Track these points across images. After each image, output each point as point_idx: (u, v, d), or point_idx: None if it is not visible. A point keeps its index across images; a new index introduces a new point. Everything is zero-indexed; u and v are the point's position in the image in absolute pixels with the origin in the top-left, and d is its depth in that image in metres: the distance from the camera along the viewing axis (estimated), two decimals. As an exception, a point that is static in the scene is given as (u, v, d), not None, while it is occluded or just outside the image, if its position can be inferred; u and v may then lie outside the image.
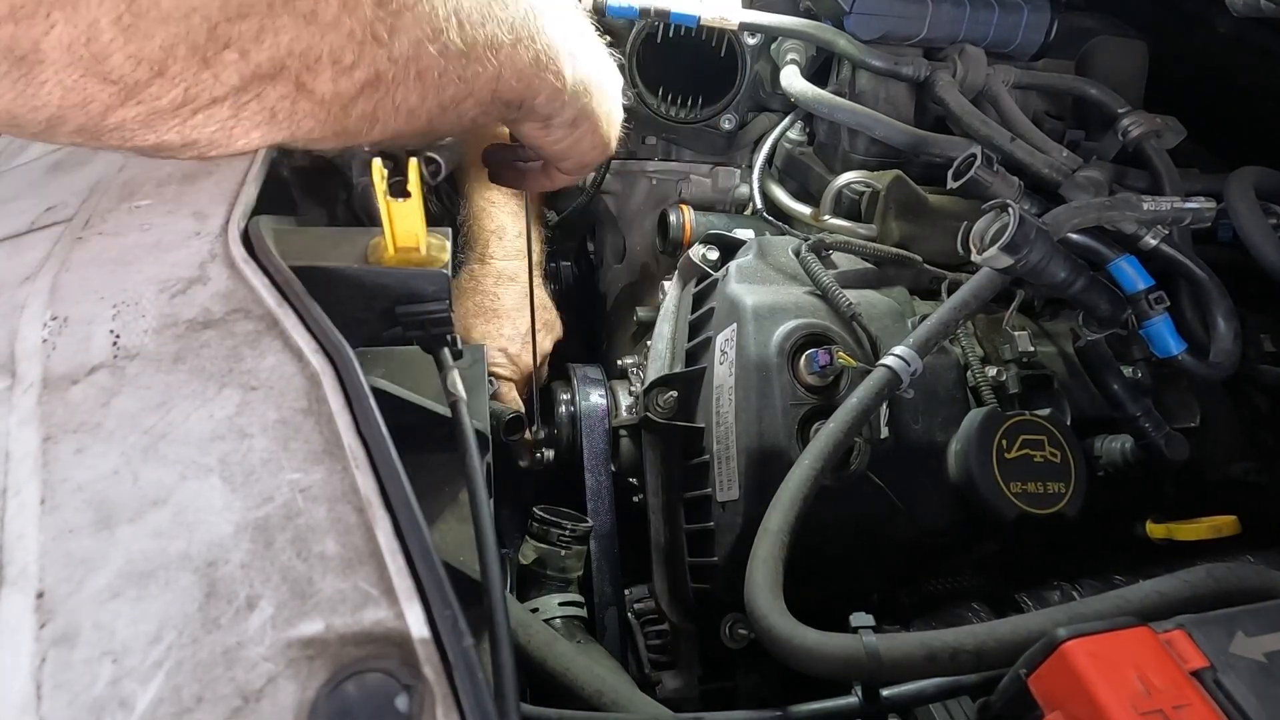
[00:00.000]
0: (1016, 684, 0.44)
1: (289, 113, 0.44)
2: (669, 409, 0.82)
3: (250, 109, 0.43)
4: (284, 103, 0.43)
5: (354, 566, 0.30)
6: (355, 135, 0.48)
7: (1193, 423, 0.82)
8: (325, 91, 0.44)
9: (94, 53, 0.36)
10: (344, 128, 0.47)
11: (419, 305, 0.49)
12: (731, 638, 0.76)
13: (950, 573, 0.78)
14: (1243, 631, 0.42)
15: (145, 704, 0.26)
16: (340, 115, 0.46)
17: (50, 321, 0.37)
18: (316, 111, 0.45)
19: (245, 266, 0.40)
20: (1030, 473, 0.69)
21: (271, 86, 0.42)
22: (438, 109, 0.51)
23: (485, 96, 0.54)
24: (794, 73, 1.01)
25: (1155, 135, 0.89)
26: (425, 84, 0.48)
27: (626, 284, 1.20)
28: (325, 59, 0.42)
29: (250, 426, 0.33)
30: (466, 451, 0.43)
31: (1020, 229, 0.66)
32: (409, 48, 0.46)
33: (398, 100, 0.48)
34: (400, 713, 0.27)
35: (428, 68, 0.48)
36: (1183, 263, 0.78)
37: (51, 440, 0.32)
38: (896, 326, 0.77)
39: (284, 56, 0.41)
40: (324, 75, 0.43)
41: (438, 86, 0.49)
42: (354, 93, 0.45)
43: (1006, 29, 0.97)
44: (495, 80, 0.54)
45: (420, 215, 0.48)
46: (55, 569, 0.29)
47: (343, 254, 0.49)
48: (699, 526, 0.78)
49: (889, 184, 0.91)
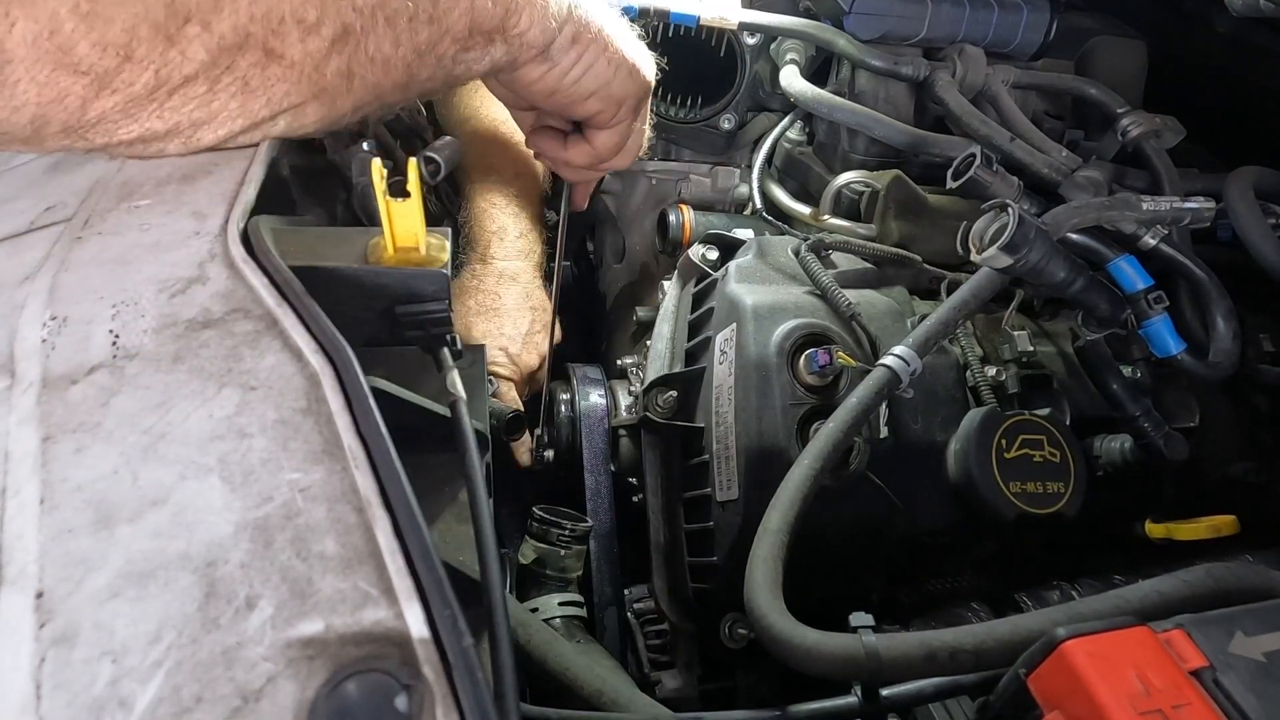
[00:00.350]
0: (1016, 684, 0.44)
1: (261, 80, 0.44)
2: (668, 409, 0.82)
3: (224, 82, 0.43)
4: (255, 70, 0.43)
5: (353, 566, 0.30)
6: (335, 95, 0.48)
7: (1192, 422, 0.82)
8: (295, 53, 0.44)
9: (59, 45, 0.36)
10: (321, 88, 0.47)
11: (418, 305, 0.49)
12: (731, 637, 0.76)
13: (950, 572, 0.78)
14: (1242, 631, 0.42)
15: (145, 704, 0.26)
16: (315, 75, 0.46)
17: (50, 321, 0.37)
18: (289, 75, 0.45)
19: (245, 266, 0.40)
20: (1029, 472, 0.69)
21: (240, 56, 0.42)
22: (414, 54, 0.50)
23: (462, 31, 0.53)
24: (793, 72, 1.01)
25: (1155, 135, 0.89)
26: (396, 29, 0.48)
27: (626, 284, 1.20)
28: (289, 19, 0.43)
29: (250, 426, 0.33)
30: (466, 451, 0.43)
31: (1020, 229, 0.66)
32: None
33: (370, 50, 0.47)
34: (400, 713, 0.27)
35: (395, 12, 0.47)
36: (1182, 262, 0.78)
37: (51, 440, 0.32)
38: (896, 326, 0.77)
39: (246, 23, 0.42)
40: (291, 37, 0.43)
41: (410, 30, 0.49)
42: (324, 50, 0.45)
43: (1006, 29, 0.97)
44: (469, 10, 0.52)
45: (420, 215, 0.48)
46: (55, 569, 0.29)
47: (342, 254, 0.49)
48: (699, 526, 0.78)
49: (888, 184, 0.91)
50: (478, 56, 0.56)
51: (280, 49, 0.43)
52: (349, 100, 0.49)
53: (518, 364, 1.00)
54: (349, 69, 0.47)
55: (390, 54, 0.49)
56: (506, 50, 0.58)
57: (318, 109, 0.48)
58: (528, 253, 1.05)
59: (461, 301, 1.00)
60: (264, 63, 0.43)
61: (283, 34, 0.43)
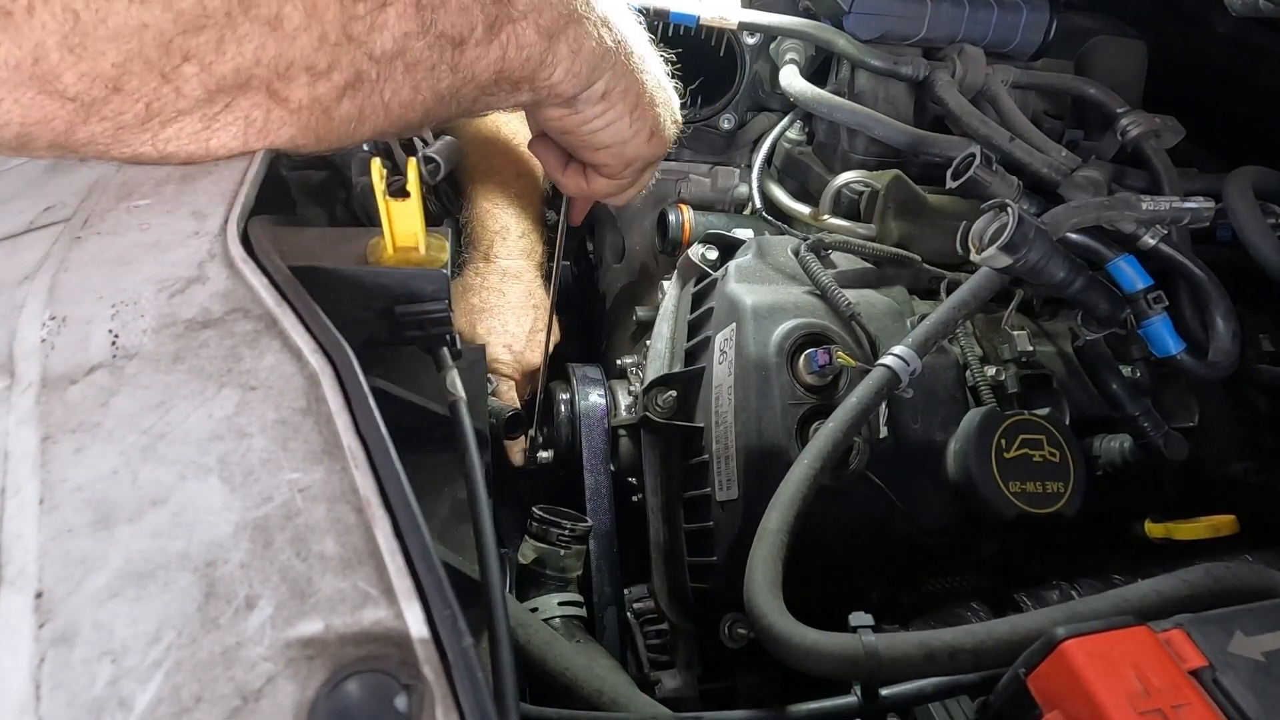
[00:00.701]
0: (1015, 683, 0.44)
1: (264, 121, 0.42)
2: (668, 409, 0.82)
3: (222, 120, 0.41)
4: (257, 111, 0.41)
5: (353, 566, 0.30)
6: (342, 137, 0.45)
7: (1191, 422, 0.82)
8: (301, 98, 0.41)
9: (44, 72, 0.35)
10: (327, 130, 0.44)
11: (418, 305, 0.49)
12: (731, 637, 0.76)
13: (949, 572, 0.78)
14: (1241, 631, 0.42)
15: (144, 704, 0.26)
16: (322, 119, 0.43)
17: (49, 321, 0.37)
18: (294, 119, 0.42)
19: (244, 266, 0.40)
20: (1029, 472, 0.69)
21: (242, 96, 0.40)
22: (434, 100, 0.48)
23: (488, 79, 0.49)
24: (793, 72, 1.01)
25: (1154, 135, 0.89)
26: (416, 77, 0.45)
27: (626, 284, 1.20)
28: (298, 65, 0.40)
29: (249, 426, 0.33)
30: (466, 451, 0.43)
31: (1019, 228, 0.66)
32: (392, 44, 0.43)
33: (386, 97, 0.45)
34: (400, 713, 0.27)
35: (417, 61, 0.44)
36: (1181, 262, 0.78)
37: (50, 440, 0.32)
38: (895, 326, 0.77)
39: (250, 66, 0.39)
40: (298, 82, 0.41)
41: (430, 78, 0.46)
42: (334, 96, 0.42)
43: (1006, 29, 0.97)
44: (500, 60, 0.49)
45: (419, 215, 0.48)
46: (54, 569, 0.29)
47: (342, 254, 0.49)
48: (698, 526, 0.78)
49: (888, 184, 0.91)
50: (502, 100, 0.53)
51: (285, 92, 0.41)
52: (356, 137, 0.47)
53: (520, 362, 1.00)
54: (361, 114, 0.45)
55: (409, 99, 0.46)
56: (533, 96, 0.54)
57: (321, 144, 0.46)
58: (530, 252, 1.05)
59: (464, 299, 1.00)
60: (267, 105, 0.41)
61: (290, 78, 0.40)
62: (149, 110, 0.39)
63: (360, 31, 0.41)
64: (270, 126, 0.42)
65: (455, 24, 0.45)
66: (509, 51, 0.49)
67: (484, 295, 1.01)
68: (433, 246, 0.51)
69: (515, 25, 0.48)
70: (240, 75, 0.39)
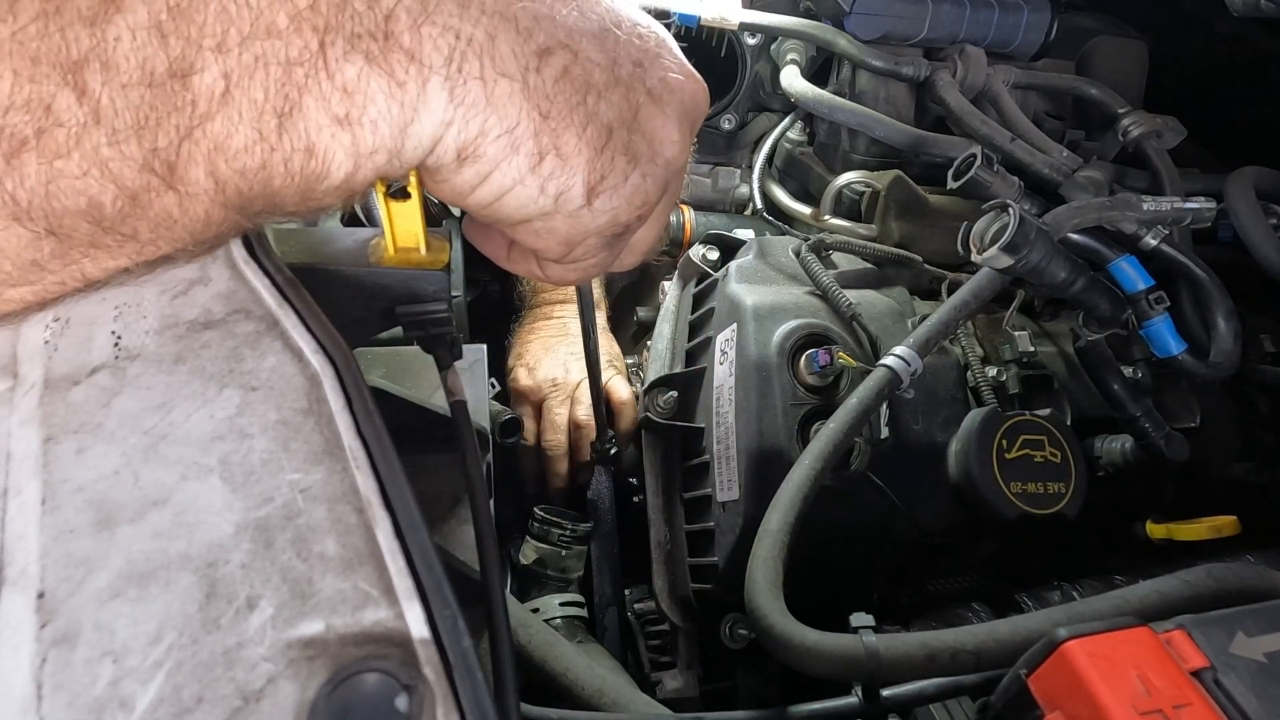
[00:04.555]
0: (1016, 684, 0.44)
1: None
2: (669, 409, 0.82)
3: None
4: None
5: (354, 567, 0.30)
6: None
7: (1193, 423, 0.82)
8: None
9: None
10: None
11: (419, 305, 0.49)
12: (732, 638, 0.76)
13: (950, 573, 0.78)
14: (1243, 631, 0.42)
15: (145, 704, 0.26)
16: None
17: (52, 323, 0.37)
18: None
19: (246, 267, 0.40)
20: (1030, 473, 0.69)
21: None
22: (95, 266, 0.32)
23: (198, 223, 0.31)
24: (794, 73, 1.01)
25: (1155, 135, 0.89)
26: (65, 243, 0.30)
27: (626, 284, 1.20)
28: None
29: (250, 427, 0.33)
30: (467, 451, 0.43)
31: (1020, 229, 0.66)
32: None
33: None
34: (400, 713, 0.27)
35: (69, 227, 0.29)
36: (1183, 263, 0.78)
37: (53, 441, 0.32)
38: (896, 326, 0.77)
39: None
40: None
41: (87, 243, 0.30)
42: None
43: (1006, 29, 0.97)
44: (212, 197, 0.30)
45: (420, 216, 0.48)
46: (56, 569, 0.29)
47: (343, 254, 0.49)
48: (699, 527, 0.78)
49: (889, 184, 0.91)
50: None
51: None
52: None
53: (616, 365, 1.02)
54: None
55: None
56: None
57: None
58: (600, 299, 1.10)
59: (533, 340, 1.03)
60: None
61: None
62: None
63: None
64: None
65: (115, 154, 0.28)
66: (219, 170, 0.30)
67: (552, 325, 1.04)
68: (434, 247, 0.50)
69: (206, 128, 0.28)
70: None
